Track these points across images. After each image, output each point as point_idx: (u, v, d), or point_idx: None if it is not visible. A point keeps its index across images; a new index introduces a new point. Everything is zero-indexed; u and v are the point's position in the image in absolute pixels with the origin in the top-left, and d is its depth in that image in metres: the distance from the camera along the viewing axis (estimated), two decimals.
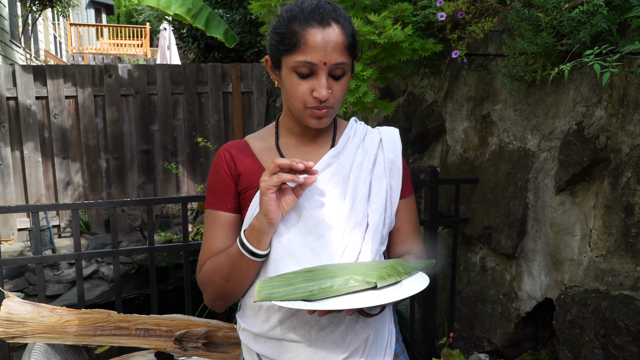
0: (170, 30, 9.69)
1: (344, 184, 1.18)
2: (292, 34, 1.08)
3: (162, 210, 6.05)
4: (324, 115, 1.12)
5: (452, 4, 2.33)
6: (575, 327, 1.91)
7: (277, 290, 0.99)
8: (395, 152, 1.25)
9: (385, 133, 1.27)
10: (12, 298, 1.89)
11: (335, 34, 1.08)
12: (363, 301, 0.97)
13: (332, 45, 1.07)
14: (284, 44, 1.09)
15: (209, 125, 6.04)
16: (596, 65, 1.45)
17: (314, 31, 1.07)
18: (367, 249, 1.16)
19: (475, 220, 2.51)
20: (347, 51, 1.10)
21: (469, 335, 2.58)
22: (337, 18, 1.10)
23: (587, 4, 1.67)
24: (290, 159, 1.03)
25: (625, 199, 1.80)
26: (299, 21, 1.08)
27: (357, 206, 1.17)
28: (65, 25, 16.17)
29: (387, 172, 1.23)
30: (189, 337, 1.96)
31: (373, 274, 1.03)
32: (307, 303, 0.97)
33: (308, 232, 1.14)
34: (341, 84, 1.12)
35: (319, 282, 1.00)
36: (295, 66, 1.09)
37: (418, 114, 3.10)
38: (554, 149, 2.11)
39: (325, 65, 1.08)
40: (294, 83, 1.10)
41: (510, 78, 2.19)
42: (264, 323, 1.15)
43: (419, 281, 1.05)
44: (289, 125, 1.23)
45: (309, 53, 1.07)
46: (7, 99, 5.30)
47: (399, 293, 1.00)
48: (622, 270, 1.82)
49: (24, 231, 5.48)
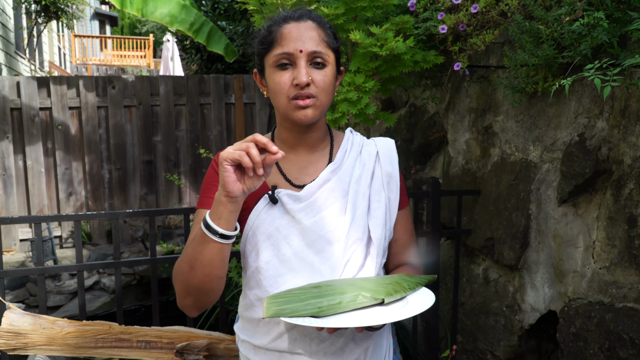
0: (174, 42, 9.77)
1: (343, 199, 1.17)
2: (269, 33, 1.12)
3: (164, 221, 6.05)
4: (309, 105, 1.10)
5: (454, 17, 2.34)
6: (579, 340, 1.89)
7: (286, 306, 0.99)
8: (393, 165, 1.25)
9: (382, 145, 1.27)
10: (14, 309, 1.88)
11: (311, 27, 1.11)
12: (372, 318, 0.97)
13: (309, 35, 1.10)
14: (263, 44, 1.13)
15: (212, 136, 6.06)
16: (596, 80, 1.45)
17: (289, 25, 1.11)
18: (371, 264, 1.16)
19: (477, 231, 2.50)
20: (325, 43, 1.12)
21: (472, 348, 2.56)
22: (313, 17, 1.13)
23: (587, 16, 1.68)
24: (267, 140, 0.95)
25: (628, 210, 1.80)
26: (276, 22, 1.13)
27: (357, 220, 1.16)
28: (70, 37, 16.30)
29: (385, 185, 1.22)
30: (190, 350, 1.95)
31: (381, 290, 1.04)
32: (317, 320, 0.97)
33: (308, 247, 1.14)
34: (323, 74, 1.11)
35: (328, 298, 1.00)
36: (275, 60, 1.11)
37: (420, 125, 3.11)
38: (556, 160, 2.11)
39: (302, 53, 1.09)
40: (275, 77, 1.11)
41: (511, 90, 2.19)
42: (264, 335, 1.15)
43: (424, 298, 1.06)
44: (283, 136, 1.23)
45: (285, 45, 1.09)
46: (11, 109, 5.32)
47: (407, 310, 1.00)
48: (626, 282, 1.81)
49: (25, 242, 5.47)
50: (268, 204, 1.16)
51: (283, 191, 1.16)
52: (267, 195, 1.16)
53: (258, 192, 1.17)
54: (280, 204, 1.16)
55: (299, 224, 1.14)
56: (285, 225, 1.15)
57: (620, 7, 1.70)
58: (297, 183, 1.19)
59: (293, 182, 1.19)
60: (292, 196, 1.15)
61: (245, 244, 1.19)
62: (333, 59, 1.14)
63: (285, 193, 1.16)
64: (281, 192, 1.16)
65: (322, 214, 1.15)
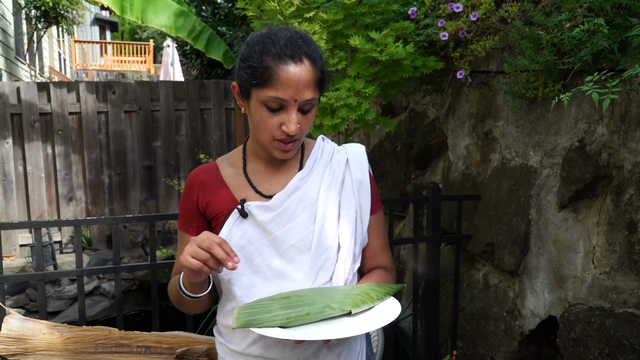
0: (174, 47, 9.79)
1: (312, 207, 1.19)
2: (264, 69, 1.07)
3: (164, 226, 6.05)
4: (291, 148, 1.14)
5: (454, 23, 2.35)
6: (579, 346, 1.89)
7: (255, 317, 1.02)
8: (363, 171, 1.25)
9: (352, 152, 1.28)
10: (14, 315, 1.88)
11: (307, 71, 1.08)
12: (337, 331, 1.01)
13: (304, 83, 1.08)
14: (255, 78, 1.08)
15: (212, 141, 6.06)
16: (594, 95, 1.46)
17: (286, 68, 1.06)
18: (340, 270, 1.18)
19: (477, 236, 2.50)
20: (316, 87, 1.12)
21: (472, 353, 2.55)
22: (310, 53, 1.10)
23: (588, 23, 1.68)
24: (225, 256, 1.01)
25: (628, 215, 1.80)
26: (271, 56, 1.07)
27: (327, 228, 1.18)
28: (70, 42, 16.33)
29: (355, 192, 1.23)
30: (190, 355, 1.94)
31: (348, 302, 1.06)
32: (285, 331, 1.00)
33: (280, 256, 1.17)
34: (309, 117, 1.13)
35: (296, 309, 1.03)
36: (266, 100, 1.08)
37: (420, 130, 3.11)
38: (556, 166, 2.11)
39: (295, 102, 1.08)
40: (263, 116, 1.10)
41: (511, 95, 2.20)
42: (241, 341, 1.18)
43: (391, 309, 1.09)
44: (256, 150, 1.24)
45: (281, 90, 1.07)
46: (11, 115, 5.33)
47: (372, 322, 1.03)
48: (627, 288, 1.81)
49: (25, 247, 5.47)
50: (239, 218, 1.18)
51: (252, 204, 1.18)
52: (236, 210, 1.18)
53: (228, 207, 1.20)
54: (251, 216, 1.18)
55: (270, 234, 1.17)
56: (256, 237, 1.17)
57: (620, 13, 1.71)
58: (266, 193, 1.20)
59: (263, 192, 1.21)
60: (261, 207, 1.17)
61: None
62: (319, 96, 1.15)
63: (255, 205, 1.17)
64: (250, 205, 1.17)
65: (292, 223, 1.17)
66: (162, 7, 5.62)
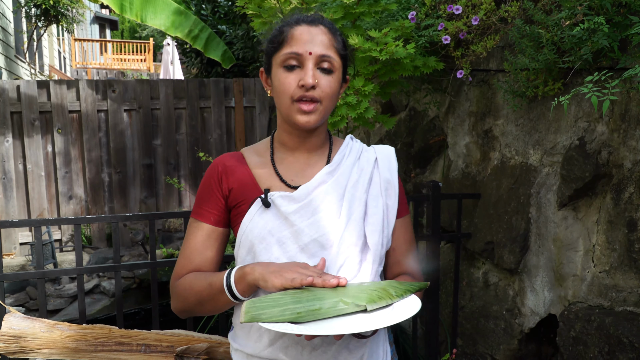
0: (174, 45, 9.78)
1: (338, 202, 1.16)
2: (280, 33, 1.12)
3: (164, 224, 6.05)
4: (312, 110, 1.11)
5: (455, 24, 2.35)
6: (579, 344, 1.89)
7: (264, 311, 0.97)
8: (391, 172, 1.24)
9: (381, 152, 1.26)
10: (14, 313, 1.88)
11: (322, 32, 1.11)
12: (351, 326, 0.94)
13: (319, 40, 1.10)
14: (273, 43, 1.13)
15: (212, 140, 6.06)
16: (593, 98, 1.46)
17: (301, 27, 1.11)
18: (366, 270, 1.14)
19: (477, 235, 2.50)
20: (334, 49, 1.12)
21: (472, 352, 2.56)
22: (325, 23, 1.14)
23: (588, 21, 1.68)
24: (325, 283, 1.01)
25: (628, 214, 1.80)
26: (288, 24, 1.13)
27: (352, 225, 1.15)
28: (70, 41, 16.32)
29: (383, 192, 1.21)
30: (190, 353, 1.95)
31: (363, 297, 1.00)
32: (294, 326, 0.95)
33: (301, 250, 1.13)
34: (329, 79, 1.11)
35: (307, 304, 0.98)
36: (283, 60, 1.10)
37: (420, 128, 3.11)
38: (556, 164, 2.11)
39: (310, 55, 1.09)
40: (281, 77, 1.11)
41: (511, 94, 2.20)
42: (256, 343, 1.14)
43: (410, 305, 1.03)
44: (283, 139, 1.22)
45: (295, 44, 1.09)
46: (11, 113, 5.33)
47: (389, 318, 0.97)
48: (626, 286, 1.81)
49: (25, 245, 5.47)
50: (261, 207, 1.15)
51: (276, 193, 1.15)
52: (259, 199, 1.15)
53: (251, 195, 1.17)
54: (274, 206, 1.14)
55: (293, 226, 1.13)
56: (278, 228, 1.13)
57: (620, 12, 1.70)
58: (292, 184, 1.18)
59: (288, 182, 1.18)
60: (286, 197, 1.14)
61: (239, 247, 1.18)
62: (340, 65, 1.14)
63: (279, 195, 1.14)
64: (274, 195, 1.14)
65: (317, 216, 1.14)
66: (161, 7, 5.62)
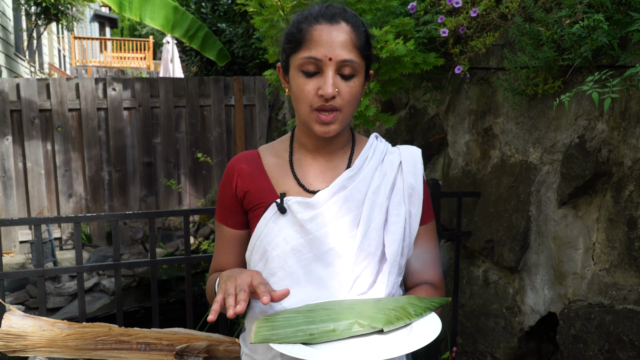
0: (174, 44, 9.77)
1: (357, 210, 1.09)
2: (299, 32, 1.03)
3: (164, 222, 6.05)
4: (331, 120, 1.03)
5: (454, 20, 2.35)
6: (579, 342, 1.89)
7: (276, 331, 0.93)
8: (416, 177, 1.16)
9: (406, 154, 1.18)
10: (13, 311, 1.88)
11: (343, 31, 1.02)
12: (366, 352, 0.89)
13: (340, 41, 1.01)
14: (290, 43, 1.05)
15: (212, 138, 6.06)
16: (594, 95, 1.46)
17: (320, 27, 1.02)
18: (382, 282, 1.09)
19: (477, 233, 2.50)
20: (357, 50, 1.03)
21: (472, 350, 2.56)
22: (347, 17, 1.04)
23: (587, 19, 1.68)
24: (268, 297, 0.91)
25: (628, 212, 1.80)
26: (307, 20, 1.04)
27: (370, 234, 1.09)
28: (70, 39, 16.31)
29: (406, 199, 1.14)
30: (190, 352, 1.95)
31: (380, 318, 0.95)
32: (307, 348, 0.91)
33: (316, 259, 1.07)
34: (351, 85, 1.03)
35: (321, 325, 0.93)
36: (301, 64, 1.02)
37: (420, 127, 3.11)
38: (556, 162, 2.11)
39: (330, 61, 1.00)
40: (300, 83, 1.03)
41: (511, 92, 2.19)
42: (266, 351, 1.10)
43: (430, 327, 0.97)
44: (302, 140, 1.16)
45: (314, 48, 1.01)
46: (11, 111, 5.33)
47: (407, 343, 0.91)
48: (626, 284, 1.81)
49: (25, 243, 5.47)
50: (276, 212, 1.10)
51: (293, 199, 1.09)
52: (275, 203, 1.10)
53: (267, 199, 1.12)
54: (290, 212, 1.09)
55: (308, 234, 1.07)
56: (293, 236, 1.08)
57: (620, 9, 1.70)
58: (310, 188, 1.12)
59: (306, 187, 1.12)
60: (302, 204, 1.08)
61: (251, 252, 1.14)
62: (363, 66, 1.05)
63: (295, 201, 1.09)
64: (291, 200, 1.09)
65: (334, 224, 1.08)
66: (159, 6, 5.63)
